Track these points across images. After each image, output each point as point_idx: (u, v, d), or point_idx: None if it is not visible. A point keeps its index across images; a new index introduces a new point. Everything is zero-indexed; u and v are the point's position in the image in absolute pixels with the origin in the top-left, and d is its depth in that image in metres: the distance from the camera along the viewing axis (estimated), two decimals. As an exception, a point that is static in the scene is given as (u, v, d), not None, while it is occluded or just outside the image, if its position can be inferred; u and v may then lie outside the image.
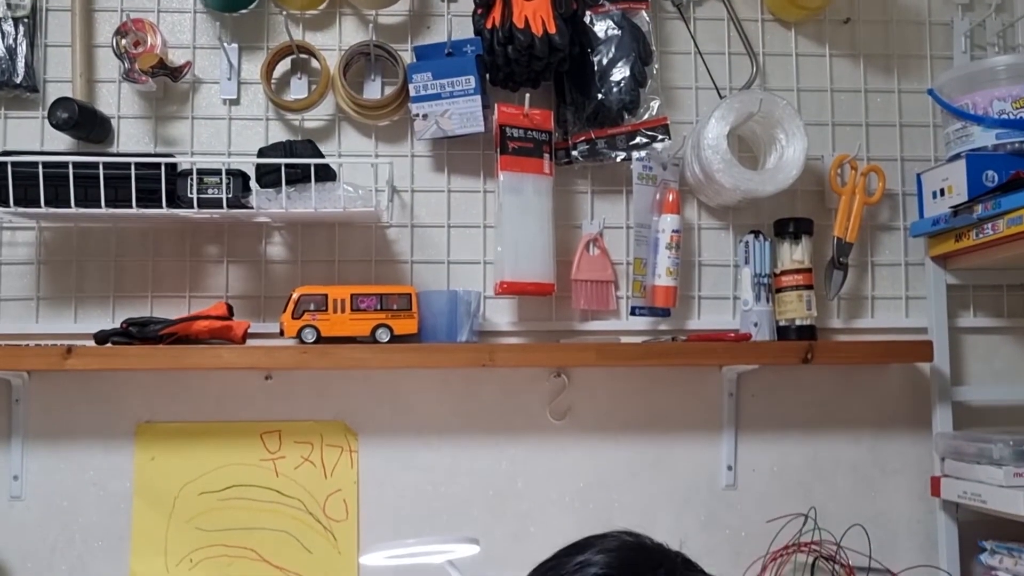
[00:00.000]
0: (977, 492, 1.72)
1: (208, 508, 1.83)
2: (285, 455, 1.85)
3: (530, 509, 1.86)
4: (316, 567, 1.83)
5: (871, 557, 1.85)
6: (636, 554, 0.94)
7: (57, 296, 1.84)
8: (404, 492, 1.86)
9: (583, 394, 1.89)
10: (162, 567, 1.81)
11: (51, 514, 1.82)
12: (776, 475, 1.91)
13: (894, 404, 1.94)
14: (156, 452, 1.84)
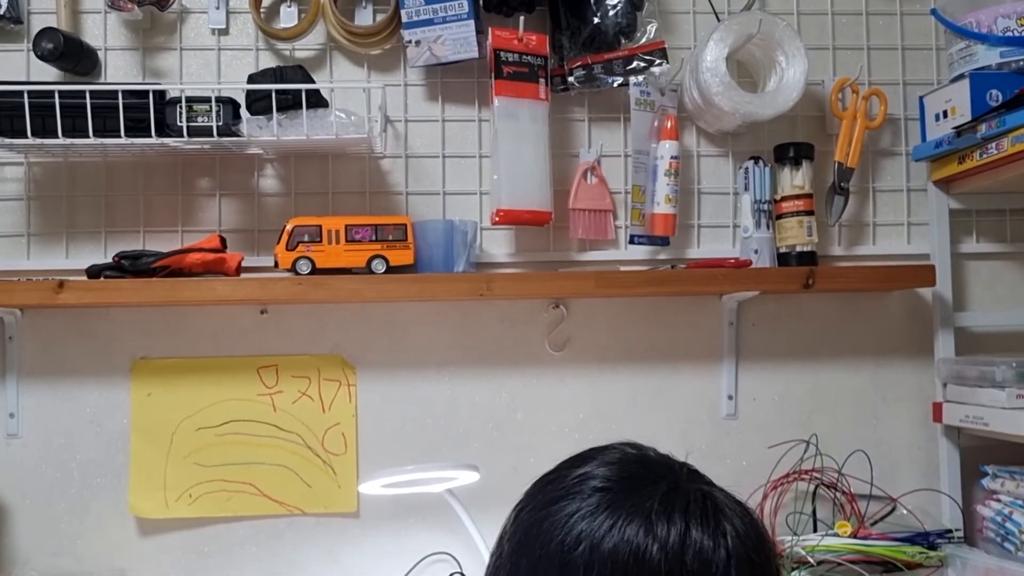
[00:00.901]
0: (979, 415, 1.71)
1: (206, 443, 1.82)
2: (282, 390, 1.84)
3: (530, 441, 1.85)
4: (316, 501, 1.82)
5: (872, 484, 1.85)
6: (639, 466, 0.92)
7: (48, 232, 1.82)
8: (403, 425, 1.85)
9: (582, 325, 1.88)
10: (161, 502, 1.80)
11: (48, 452, 1.81)
12: (777, 404, 1.90)
13: (896, 331, 1.93)
14: (152, 388, 1.82)
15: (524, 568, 0.87)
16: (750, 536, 0.87)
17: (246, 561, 1.82)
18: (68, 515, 1.80)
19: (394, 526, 1.83)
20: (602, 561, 0.83)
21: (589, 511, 0.86)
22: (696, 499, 0.87)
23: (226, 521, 1.82)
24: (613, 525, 0.84)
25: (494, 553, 0.92)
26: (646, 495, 0.86)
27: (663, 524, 0.84)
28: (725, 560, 0.83)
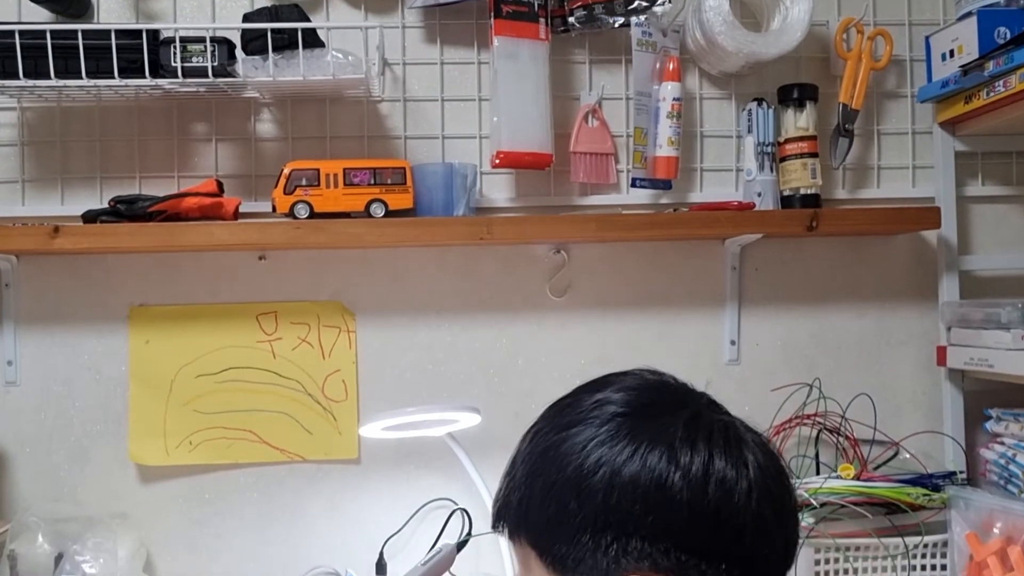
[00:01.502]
0: (984, 357, 1.69)
1: (205, 391, 1.81)
2: (282, 336, 1.82)
3: (531, 387, 1.84)
4: (316, 447, 1.82)
5: (876, 429, 1.84)
6: (658, 393, 0.90)
7: (42, 178, 1.80)
8: (403, 372, 1.84)
9: (583, 271, 1.86)
10: (161, 450, 1.79)
11: (47, 399, 1.80)
12: (780, 349, 1.89)
13: (900, 276, 1.91)
14: (150, 335, 1.81)
15: (539, 491, 0.86)
16: (770, 467, 0.86)
17: (247, 508, 1.81)
18: (68, 463, 1.79)
19: (395, 472, 1.82)
20: (622, 488, 0.81)
21: (608, 436, 0.84)
22: (719, 428, 0.85)
23: (226, 468, 1.81)
24: (635, 452, 0.82)
25: (507, 475, 0.91)
26: (669, 422, 0.84)
27: (686, 452, 0.82)
28: (747, 491, 0.82)
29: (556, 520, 0.84)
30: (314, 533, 1.82)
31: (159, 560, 1.79)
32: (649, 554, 0.80)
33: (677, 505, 0.80)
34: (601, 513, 0.81)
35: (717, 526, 0.80)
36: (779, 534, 0.84)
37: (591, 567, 0.82)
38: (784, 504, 0.87)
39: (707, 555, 0.80)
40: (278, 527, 1.81)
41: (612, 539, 0.81)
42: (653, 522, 0.80)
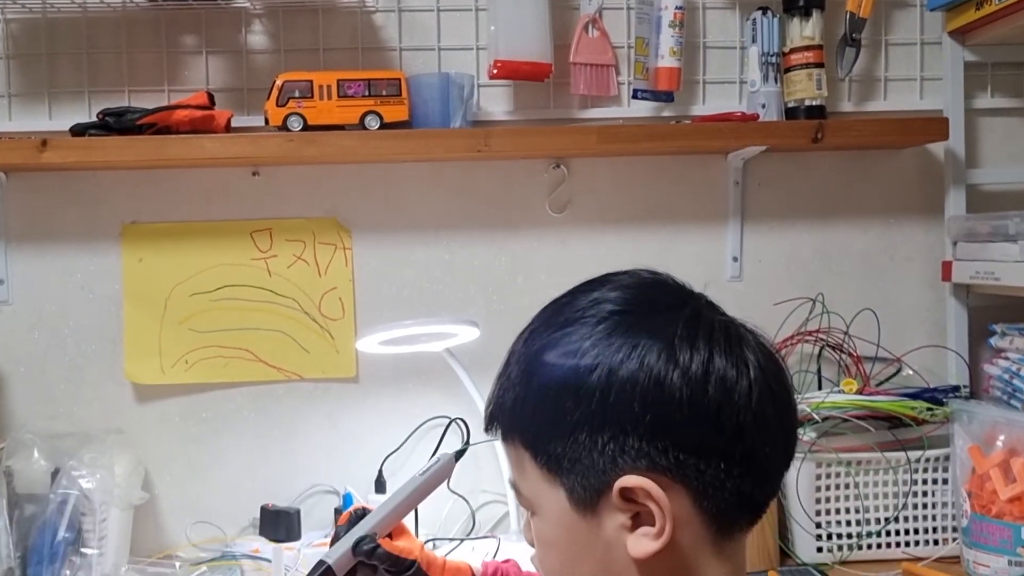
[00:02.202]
0: (990, 271, 1.67)
1: (200, 309, 1.79)
2: (277, 254, 1.79)
3: (531, 304, 1.77)
4: (313, 366, 1.80)
5: (879, 346, 1.82)
6: (656, 291, 0.87)
7: (29, 92, 1.76)
8: (401, 290, 1.82)
9: (583, 186, 1.82)
10: (157, 369, 1.78)
11: (41, 319, 1.78)
12: (782, 266, 1.86)
13: (905, 190, 1.87)
14: (144, 253, 1.78)
15: (534, 391, 0.83)
16: (771, 367, 0.83)
17: (244, 427, 1.80)
18: (63, 382, 1.78)
19: (393, 390, 1.81)
20: (620, 387, 0.78)
21: (605, 335, 0.80)
22: (719, 327, 0.82)
23: (223, 387, 1.80)
24: (632, 350, 0.79)
25: (500, 376, 0.88)
26: (667, 320, 0.81)
27: (686, 351, 0.78)
28: (747, 390, 0.79)
29: (551, 420, 0.81)
30: (312, 451, 1.81)
31: (157, 479, 1.79)
32: (647, 453, 0.77)
33: (676, 404, 0.77)
34: (598, 412, 0.78)
35: (717, 425, 0.78)
36: (779, 433, 0.82)
37: (587, 467, 0.79)
38: (784, 403, 0.84)
39: (706, 454, 0.78)
40: (276, 446, 1.80)
41: (609, 438, 0.78)
42: (651, 421, 0.77)
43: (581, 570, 0.83)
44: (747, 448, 0.78)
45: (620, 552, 0.80)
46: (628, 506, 0.78)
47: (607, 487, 0.78)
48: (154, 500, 1.77)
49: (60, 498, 1.51)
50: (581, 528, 0.81)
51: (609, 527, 0.80)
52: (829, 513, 1.65)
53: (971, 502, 1.57)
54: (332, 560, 1.09)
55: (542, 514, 0.85)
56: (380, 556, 1.09)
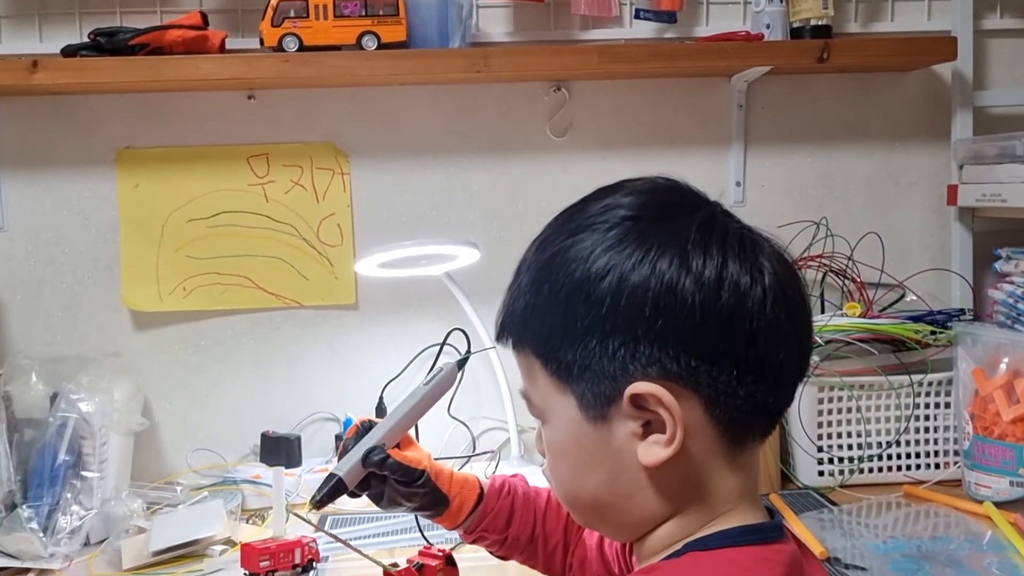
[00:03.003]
0: (997, 192, 1.65)
1: (198, 236, 1.77)
2: (274, 179, 1.77)
3: (531, 230, 1.75)
4: (312, 293, 1.79)
5: (882, 271, 1.80)
6: (670, 197, 0.85)
7: (18, 14, 1.72)
8: (400, 216, 1.80)
9: (584, 109, 1.80)
10: (155, 295, 1.76)
11: (36, 246, 1.76)
12: (786, 190, 1.84)
13: (911, 114, 1.85)
14: (139, 179, 1.76)
15: (544, 298, 0.81)
16: (786, 274, 0.81)
17: (244, 354, 1.79)
18: (60, 310, 1.76)
19: (393, 317, 1.79)
20: (631, 292, 0.76)
21: (616, 241, 0.78)
22: (734, 233, 0.80)
23: (222, 314, 1.79)
24: (644, 256, 0.77)
25: (511, 284, 0.86)
26: (681, 226, 0.78)
27: (699, 257, 0.76)
28: (761, 296, 0.77)
29: (562, 326, 0.80)
30: (313, 379, 1.80)
31: (157, 406, 1.78)
32: (658, 359, 0.75)
33: (688, 309, 0.75)
34: (609, 318, 0.76)
35: (729, 331, 0.76)
36: (793, 341, 0.80)
37: (597, 374, 0.78)
38: (799, 311, 0.82)
39: (718, 360, 0.76)
40: (276, 373, 1.80)
41: (620, 344, 0.76)
42: (663, 326, 0.75)
43: (591, 479, 0.82)
44: (760, 355, 0.77)
45: (630, 460, 0.78)
46: (639, 413, 0.77)
47: (618, 394, 0.77)
48: (154, 427, 1.76)
49: (59, 421, 1.50)
50: (591, 436, 0.80)
51: (620, 435, 0.78)
52: (831, 437, 1.65)
53: (973, 424, 1.56)
54: (343, 472, 1.08)
55: (552, 423, 0.84)
56: (390, 467, 1.09)
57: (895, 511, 1.56)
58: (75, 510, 1.46)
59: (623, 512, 0.82)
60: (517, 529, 1.17)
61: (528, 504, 1.18)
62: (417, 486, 1.10)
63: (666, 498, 0.80)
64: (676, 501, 0.80)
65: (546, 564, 1.20)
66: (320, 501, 1.07)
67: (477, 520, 1.16)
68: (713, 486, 0.80)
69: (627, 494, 0.80)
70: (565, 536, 1.19)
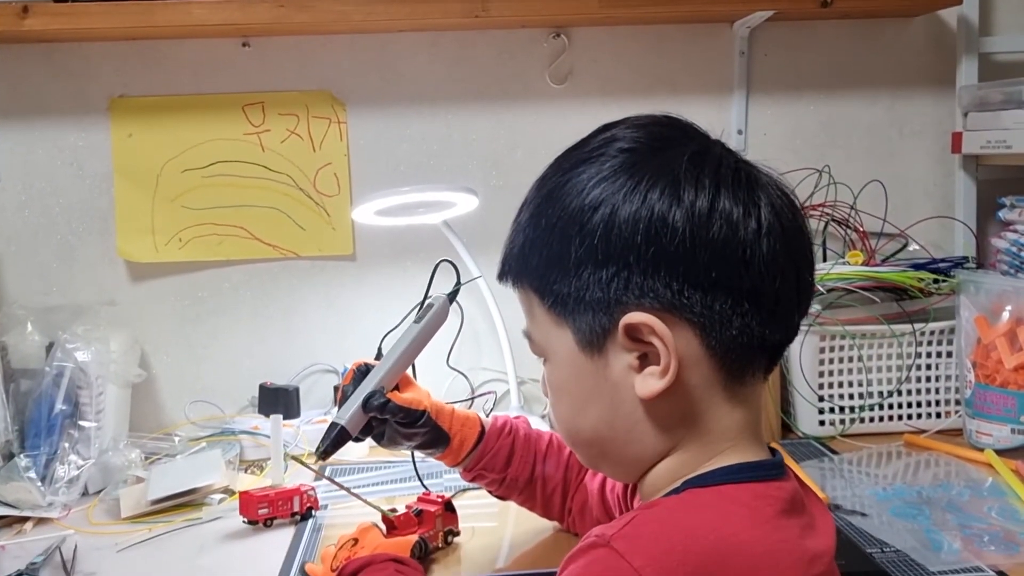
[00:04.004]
0: (1002, 139, 1.63)
1: (193, 186, 1.75)
2: (270, 128, 1.75)
3: (530, 180, 1.73)
4: (309, 243, 1.77)
5: (884, 220, 1.78)
6: (669, 130, 0.84)
7: (8, -41, 1.69)
8: (397, 165, 1.78)
9: (584, 56, 1.77)
10: (150, 246, 1.75)
11: (30, 197, 1.74)
12: (789, 139, 1.82)
13: (916, 62, 1.82)
14: (133, 128, 1.73)
15: (541, 231, 0.81)
16: (785, 208, 0.80)
17: (241, 306, 1.78)
18: (56, 261, 1.75)
19: (391, 268, 1.78)
20: (622, 223, 0.76)
21: (611, 172, 0.78)
22: (728, 165, 0.79)
23: (219, 265, 1.77)
24: (635, 188, 0.76)
25: (513, 222, 0.86)
26: (674, 156, 0.78)
27: (691, 187, 0.76)
28: (755, 229, 0.76)
29: (557, 258, 0.80)
30: (310, 330, 1.79)
31: (154, 358, 1.77)
32: (651, 289, 0.75)
33: (679, 238, 0.75)
34: (602, 248, 0.77)
35: (721, 259, 0.75)
36: (790, 272, 0.79)
37: (592, 305, 0.78)
38: (798, 244, 0.81)
39: (710, 289, 0.76)
40: (274, 324, 1.79)
41: (613, 274, 0.76)
42: (654, 255, 0.75)
43: (590, 414, 0.82)
44: (754, 285, 0.76)
45: (628, 394, 0.78)
46: (634, 345, 0.77)
47: (612, 326, 0.77)
48: (152, 379, 1.75)
49: (55, 371, 1.49)
50: (589, 370, 0.80)
51: (616, 368, 0.79)
52: (832, 386, 1.64)
53: (975, 372, 1.55)
54: (345, 420, 1.08)
55: (552, 359, 0.84)
56: (391, 410, 1.09)
57: (896, 459, 1.55)
58: (73, 460, 1.46)
59: (622, 447, 0.82)
60: (516, 469, 1.17)
61: (529, 445, 1.18)
62: (418, 426, 1.10)
63: (664, 432, 0.80)
64: (674, 435, 0.80)
65: (544, 506, 1.21)
66: (325, 451, 1.07)
67: (477, 458, 1.16)
68: (712, 421, 0.79)
69: (626, 428, 0.80)
70: (565, 479, 1.19)
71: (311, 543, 1.25)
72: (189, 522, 1.35)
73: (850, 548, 1.17)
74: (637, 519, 0.74)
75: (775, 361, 0.84)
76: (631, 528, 0.73)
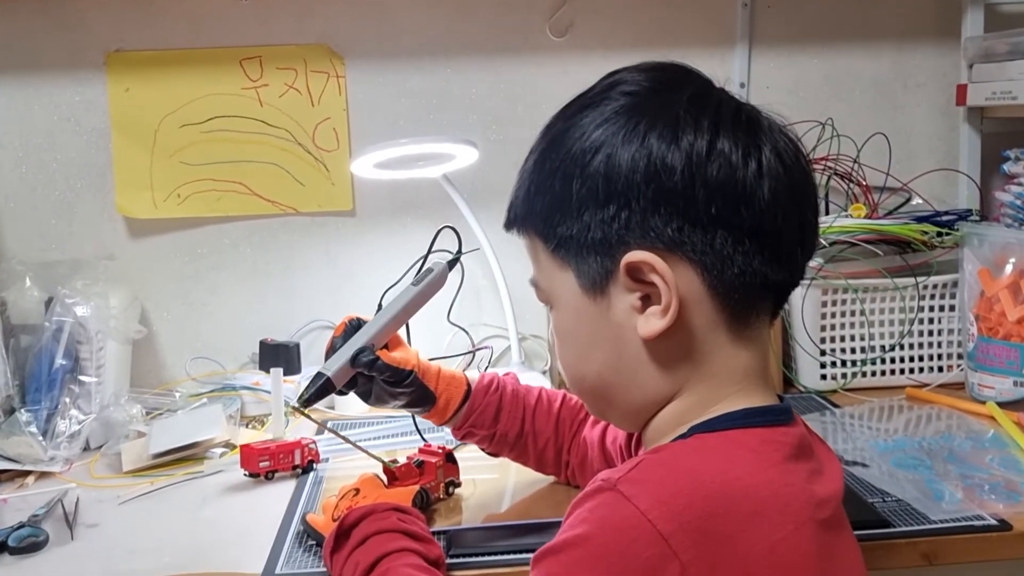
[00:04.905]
0: (1008, 90, 1.62)
1: (191, 141, 1.73)
2: (268, 83, 1.73)
3: (531, 135, 1.71)
4: (309, 199, 1.76)
5: (888, 174, 1.77)
6: (674, 74, 0.84)
7: (0, -90, 1.67)
8: (397, 120, 1.76)
9: (586, 8, 1.75)
10: (149, 203, 1.74)
11: (27, 152, 1.73)
12: (791, 92, 1.80)
13: (920, 13, 1.80)
14: (130, 83, 1.72)
15: (544, 176, 0.82)
16: (788, 151, 0.80)
17: (241, 262, 1.77)
18: (54, 217, 1.74)
19: (391, 223, 1.77)
20: (623, 164, 0.77)
21: (613, 114, 0.79)
22: (729, 108, 0.80)
23: (218, 222, 1.76)
24: (635, 129, 0.78)
25: (520, 170, 0.87)
26: (674, 99, 0.79)
27: (689, 131, 0.77)
28: (756, 171, 0.77)
29: (560, 201, 0.81)
30: (311, 286, 1.78)
31: (154, 315, 1.77)
32: (651, 227, 0.76)
33: (678, 177, 0.76)
34: (603, 188, 0.78)
35: (720, 197, 0.76)
36: (793, 213, 0.79)
37: (594, 246, 0.79)
38: (800, 185, 0.82)
39: (710, 226, 0.76)
40: (274, 281, 1.78)
41: (613, 214, 0.77)
42: (654, 194, 0.76)
43: (595, 358, 0.83)
44: (755, 223, 0.76)
45: (631, 335, 0.79)
46: (636, 286, 0.78)
47: (614, 266, 0.78)
48: (152, 336, 1.75)
49: (55, 326, 1.49)
50: (593, 314, 0.81)
51: (619, 310, 0.79)
52: (834, 340, 1.63)
53: (978, 325, 1.55)
54: (331, 372, 1.08)
55: (557, 305, 0.85)
56: (379, 367, 1.09)
57: (898, 413, 1.55)
58: (74, 414, 1.46)
59: (627, 392, 0.82)
60: (505, 425, 1.17)
61: (517, 401, 1.18)
62: (404, 385, 1.10)
63: (668, 375, 0.80)
64: (678, 378, 0.80)
65: (538, 461, 1.21)
66: (308, 400, 1.08)
67: (464, 416, 1.16)
68: (717, 364, 0.79)
69: (630, 371, 0.80)
70: (556, 433, 1.19)
71: (312, 495, 1.25)
72: (191, 475, 1.36)
73: (851, 498, 1.17)
74: (643, 463, 0.74)
75: (780, 304, 0.84)
76: (637, 472, 0.73)
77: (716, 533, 0.70)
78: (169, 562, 1.06)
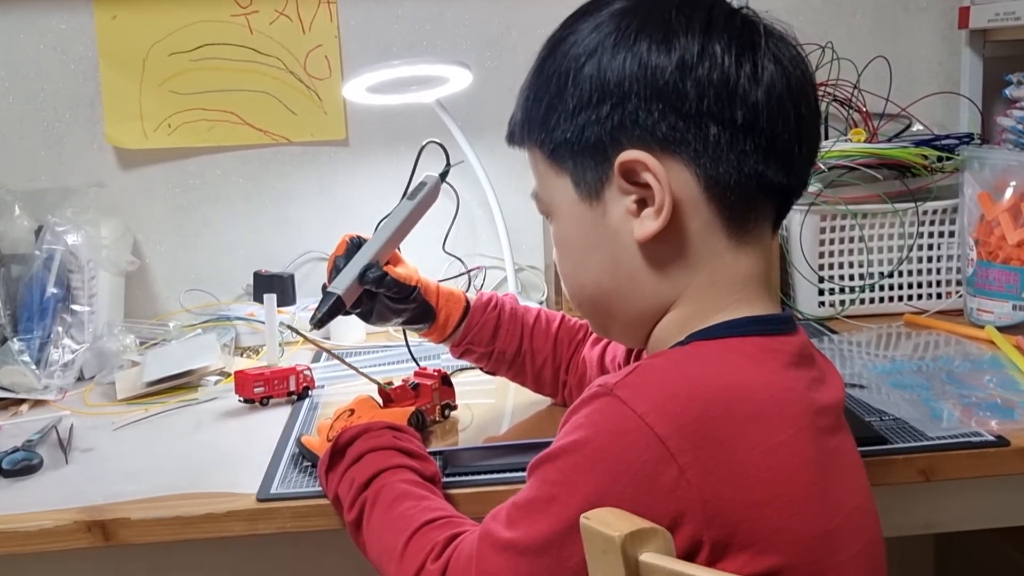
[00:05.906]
0: (1011, 11, 1.59)
1: (181, 70, 1.71)
2: (258, 9, 1.70)
3: (525, 60, 1.70)
4: (301, 128, 1.74)
5: (888, 99, 1.75)
6: None
7: None
8: (389, 47, 1.73)
9: (581, -70, 1.71)
10: (139, 133, 1.71)
11: (13, 83, 1.70)
12: (791, 14, 1.67)
13: (923, -66, 1.77)
14: (117, 10, 1.69)
15: (541, 84, 0.82)
16: (784, 54, 0.79)
17: (233, 193, 1.76)
18: (43, 148, 1.72)
19: (385, 152, 1.75)
20: (613, 68, 0.77)
21: (607, 18, 0.80)
22: (723, 12, 0.79)
23: (209, 152, 1.74)
24: (627, 31, 0.78)
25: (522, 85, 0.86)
26: (667, 2, 0.77)
27: (680, 31, 0.76)
28: (749, 74, 0.76)
29: (555, 104, 0.82)
30: (304, 217, 1.77)
31: (147, 247, 1.75)
32: (644, 125, 0.76)
33: (669, 76, 0.76)
34: (597, 89, 0.78)
35: (712, 92, 0.76)
36: (791, 112, 0.79)
37: (589, 148, 0.79)
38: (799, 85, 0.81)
39: (702, 121, 0.77)
40: (267, 212, 1.76)
41: (607, 114, 0.77)
42: (646, 93, 0.76)
43: (592, 266, 0.83)
44: (749, 118, 0.76)
45: (627, 239, 0.79)
46: (631, 188, 0.78)
47: (609, 168, 0.78)
48: (145, 268, 1.74)
49: (46, 255, 1.47)
50: (589, 220, 0.81)
51: (615, 214, 0.79)
52: (832, 267, 1.62)
53: (978, 250, 1.53)
54: (341, 291, 1.08)
55: (556, 214, 0.86)
56: (388, 283, 1.09)
57: (896, 339, 1.54)
58: (67, 344, 1.45)
59: (626, 301, 0.82)
60: (503, 343, 1.17)
61: (515, 319, 1.18)
62: (408, 301, 1.10)
63: (666, 279, 0.79)
64: (676, 284, 0.79)
65: (535, 380, 1.20)
66: (321, 320, 1.07)
67: (463, 333, 1.15)
68: (717, 271, 0.79)
69: (627, 276, 0.80)
70: (554, 352, 1.19)
71: (308, 419, 1.24)
72: (185, 402, 1.35)
73: (848, 416, 1.15)
74: (641, 368, 0.74)
75: (782, 213, 0.83)
76: (634, 376, 0.72)
77: (714, 436, 0.69)
78: (165, 483, 1.06)
